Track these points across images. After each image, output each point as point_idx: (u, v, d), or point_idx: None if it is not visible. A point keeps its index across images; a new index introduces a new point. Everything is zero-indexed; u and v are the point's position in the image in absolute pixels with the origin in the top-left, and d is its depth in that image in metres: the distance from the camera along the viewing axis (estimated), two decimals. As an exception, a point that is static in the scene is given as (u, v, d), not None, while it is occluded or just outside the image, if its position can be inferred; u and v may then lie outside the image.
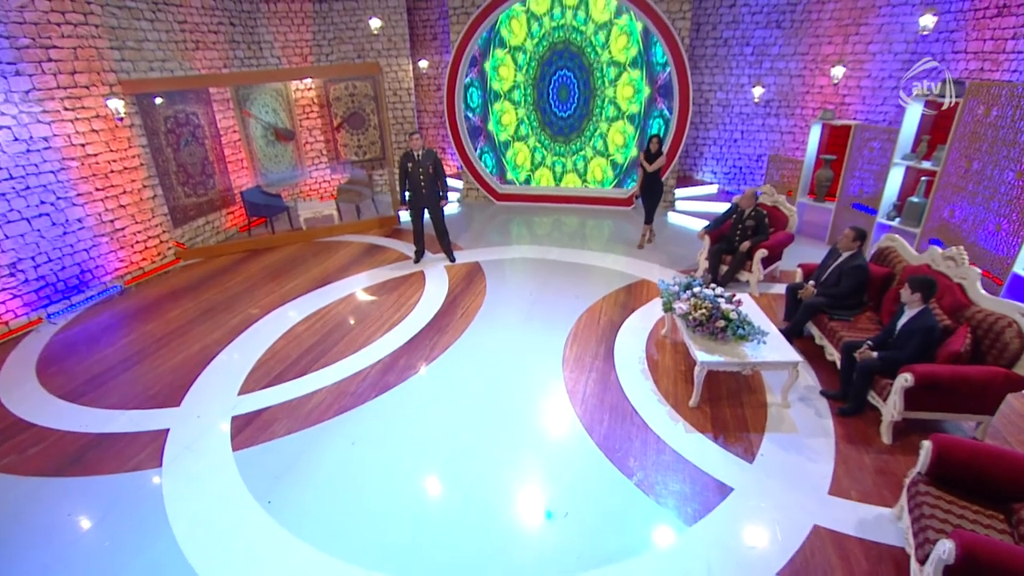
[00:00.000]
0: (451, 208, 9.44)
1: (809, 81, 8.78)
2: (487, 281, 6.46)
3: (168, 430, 3.96)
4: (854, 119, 8.47)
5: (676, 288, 4.34)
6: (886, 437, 3.62)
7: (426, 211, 6.69)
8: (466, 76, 9.03)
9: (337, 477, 3.47)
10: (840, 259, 4.53)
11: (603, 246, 7.51)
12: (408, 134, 6.42)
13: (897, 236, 4.77)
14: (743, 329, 3.84)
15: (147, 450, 3.77)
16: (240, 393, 4.39)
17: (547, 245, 7.60)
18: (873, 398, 3.78)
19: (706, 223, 6.18)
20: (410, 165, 6.36)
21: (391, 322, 5.51)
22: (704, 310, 3.93)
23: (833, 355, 4.32)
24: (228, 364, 4.84)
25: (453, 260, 7.00)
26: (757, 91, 8.58)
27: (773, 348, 3.89)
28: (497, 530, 3.06)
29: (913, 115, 6.13)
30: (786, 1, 8.46)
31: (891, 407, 3.54)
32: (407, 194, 6.57)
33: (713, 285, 4.22)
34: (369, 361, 4.80)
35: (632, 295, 5.96)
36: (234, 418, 4.07)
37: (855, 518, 3.05)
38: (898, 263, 4.53)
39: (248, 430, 3.93)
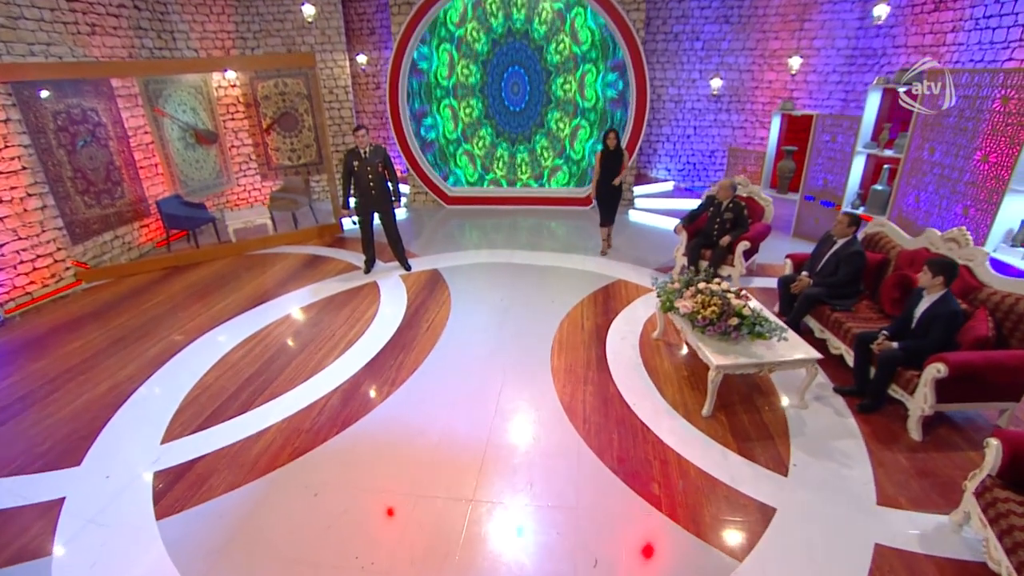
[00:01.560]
0: (398, 213, 8.71)
1: (758, 76, 8.84)
2: (450, 289, 5.83)
3: (64, 499, 3.05)
4: (802, 111, 8.56)
5: (677, 285, 3.93)
6: (915, 433, 3.35)
7: (376, 215, 6.00)
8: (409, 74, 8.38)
9: (299, 540, 2.74)
10: (836, 246, 4.30)
11: (569, 247, 7.08)
12: (352, 130, 5.70)
13: (886, 220, 4.63)
14: (761, 326, 3.47)
15: (33, 529, 2.86)
16: (164, 441, 3.51)
17: (510, 248, 7.07)
18: (895, 391, 3.51)
19: (677, 220, 5.87)
20: (356, 164, 5.66)
21: (345, 342, 4.76)
22: (714, 307, 3.53)
23: (839, 348, 4.05)
24: (146, 405, 3.92)
25: (408, 268, 6.33)
26: (715, 83, 8.50)
27: (788, 345, 3.55)
28: (513, 593, 2.46)
29: (873, 103, 6.15)
30: (734, -4, 8.47)
31: (920, 400, 3.27)
32: (352, 199, 5.87)
33: (718, 280, 3.83)
34: (324, 390, 4.05)
35: (612, 297, 5.53)
36: (157, 475, 3.21)
37: (914, 531, 2.70)
38: (891, 248, 4.37)
39: (177, 489, 3.09)
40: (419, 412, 3.76)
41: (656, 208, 8.62)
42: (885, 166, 6.08)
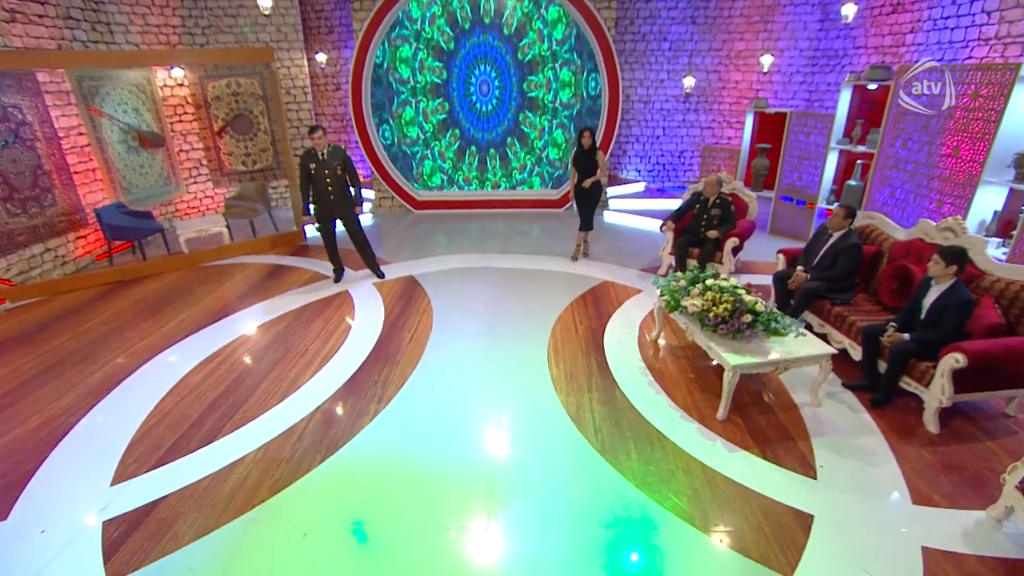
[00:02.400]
0: (363, 220, 8.27)
1: (725, 76, 8.94)
2: (430, 296, 5.48)
3: (-10, 562, 2.52)
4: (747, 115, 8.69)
5: (682, 283, 3.74)
6: (932, 426, 3.27)
7: (338, 222, 5.58)
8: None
9: (289, 594, 2.34)
10: (832, 240, 4.24)
11: (547, 250, 6.83)
12: (308, 130, 5.29)
13: (876, 213, 4.62)
14: (777, 322, 3.31)
15: (-48, 604, 2.33)
16: (115, 482, 3.01)
17: (486, 252, 6.78)
18: (907, 384, 3.43)
19: (653, 220, 5.73)
20: (313, 167, 5.22)
21: (321, 357, 4.34)
22: (726, 304, 3.35)
23: (842, 343, 3.97)
24: (90, 441, 3.39)
25: (381, 276, 5.93)
26: (688, 81, 8.53)
27: (801, 341, 3.41)
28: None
29: (844, 100, 6.24)
30: (699, -2, 8.54)
31: (937, 392, 3.19)
32: (312, 206, 5.42)
33: (727, 276, 3.67)
34: (302, 412, 3.62)
35: (601, 299, 5.33)
36: (108, 524, 2.72)
37: (957, 530, 2.57)
38: (883, 240, 4.35)
39: (134, 540, 2.62)
40: (413, 432, 3.40)
41: (630, 209, 8.53)
42: (858, 161, 6.18)
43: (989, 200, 4.97)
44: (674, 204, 8.52)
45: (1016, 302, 3.30)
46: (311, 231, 7.52)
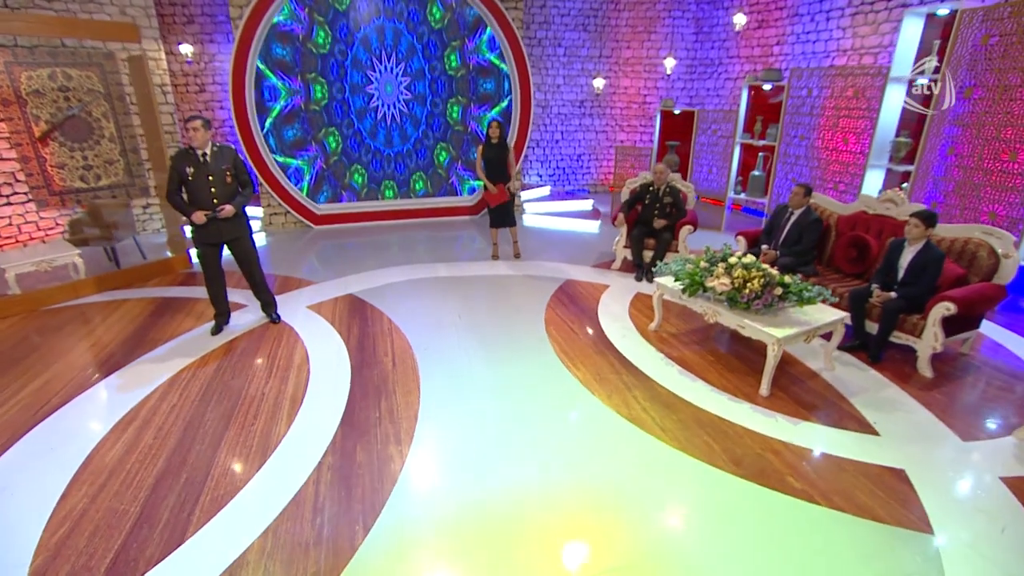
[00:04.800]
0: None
1: (615, 82, 9.46)
2: (386, 313, 4.76)
3: None
4: (655, 116, 9.40)
5: (703, 265, 3.68)
6: (927, 371, 3.63)
7: (225, 247, 4.17)
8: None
9: None
10: (794, 217, 4.58)
11: (483, 255, 6.43)
12: (184, 121, 4.10)
13: (816, 193, 5.12)
14: (808, 291, 3.40)
15: None
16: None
17: (421, 263, 6.16)
18: (897, 337, 3.78)
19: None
20: (191, 171, 3.85)
21: (289, 399, 3.44)
22: (758, 279, 3.36)
23: (820, 309, 4.27)
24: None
25: (277, 318, 4.54)
26: (598, 83, 8.81)
27: (818, 309, 3.57)
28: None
29: (744, 99, 6.94)
30: (588, 6, 8.92)
31: (930, 339, 3.56)
32: (188, 227, 4.14)
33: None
34: (302, 473, 2.78)
35: (576, 297, 5.12)
36: None
37: (1009, 457, 2.83)
38: (829, 216, 4.81)
39: None
40: (460, 470, 2.80)
41: (550, 211, 8.51)
42: (760, 154, 6.90)
43: (875, 181, 5.86)
44: (584, 205, 8.78)
45: (964, 255, 3.84)
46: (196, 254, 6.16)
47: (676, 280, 3.81)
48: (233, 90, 6.66)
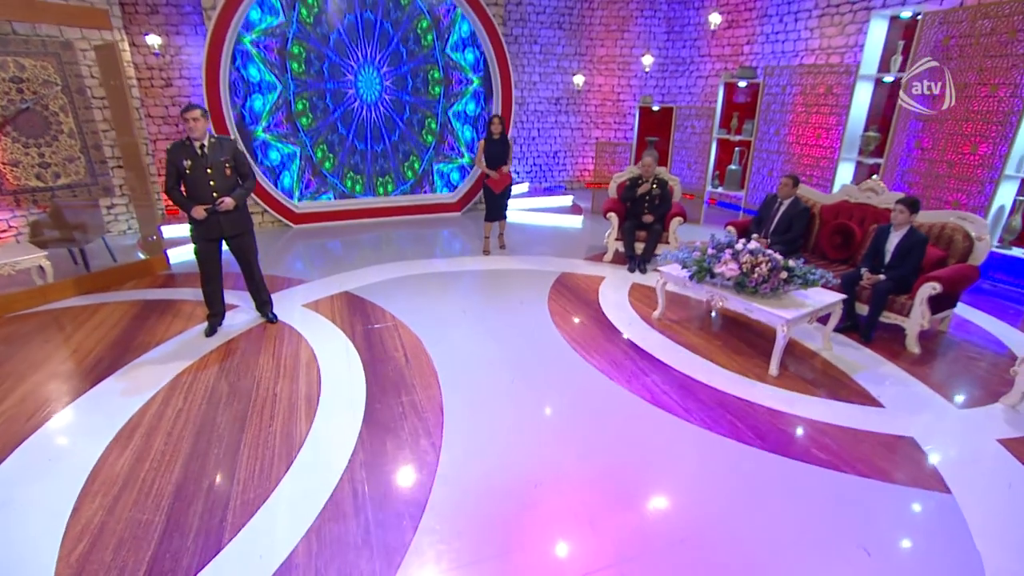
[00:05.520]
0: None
1: (589, 80, 9.59)
2: (386, 309, 4.68)
3: None
4: (629, 113, 9.63)
5: (711, 252, 3.81)
6: (916, 347, 3.88)
7: (224, 244, 4.03)
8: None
9: None
10: (784, 207, 4.79)
11: (475, 250, 6.41)
12: (180, 112, 3.94)
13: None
14: (812, 274, 3.57)
15: None
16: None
17: (412, 259, 6.08)
18: (886, 317, 4.03)
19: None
20: (188, 165, 3.68)
21: (304, 398, 3.34)
22: (765, 263, 3.51)
23: (811, 294, 4.49)
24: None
25: (274, 318, 4.39)
26: (578, 79, 8.91)
27: (818, 292, 3.76)
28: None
29: (720, 96, 7.19)
30: (564, 4, 9.02)
31: (918, 318, 3.81)
32: (190, 225, 3.89)
33: (749, 238, 3.85)
34: (335, 470, 2.71)
35: (575, 289, 5.17)
36: None
37: (1001, 422, 3.07)
38: (812, 205, 5.06)
39: None
40: (500, 462, 2.79)
41: (527, 207, 8.54)
42: (736, 149, 7.17)
43: (847, 172, 6.20)
44: (564, 201, 8.88)
45: (941, 239, 4.14)
46: (175, 256, 5.88)
47: (684, 267, 3.92)
48: (207, 84, 6.37)
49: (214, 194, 3.80)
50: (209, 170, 3.75)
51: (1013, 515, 2.39)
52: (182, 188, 3.78)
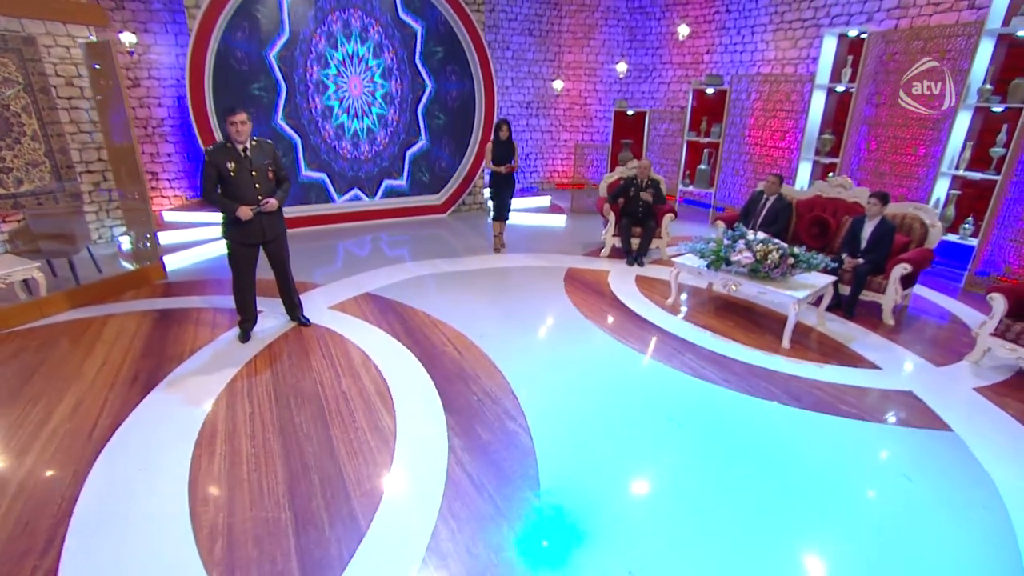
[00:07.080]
0: (215, 251, 6.58)
1: (558, 85, 10.01)
2: (416, 307, 4.82)
3: None
4: (595, 117, 10.17)
5: (726, 242, 4.29)
6: (891, 320, 4.58)
7: (261, 249, 4.03)
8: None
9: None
10: (770, 202, 5.40)
11: (477, 249, 6.64)
12: (223, 113, 3.91)
13: (774, 181, 6.02)
14: (815, 259, 4.13)
15: None
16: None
17: (421, 259, 6.21)
18: (865, 295, 4.70)
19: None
20: (231, 167, 3.67)
21: (376, 394, 3.46)
22: (775, 251, 4.03)
23: (796, 278, 5.12)
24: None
25: (307, 321, 4.44)
26: (558, 84, 9.25)
27: (815, 275, 4.34)
28: None
29: (690, 100, 7.83)
30: (534, 12, 9.38)
31: (892, 294, 4.50)
32: (223, 225, 3.86)
33: (754, 227, 4.36)
34: (439, 456, 2.89)
35: (587, 283, 5.53)
36: None
37: (971, 375, 3.76)
38: (790, 199, 5.70)
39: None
40: (584, 442, 3.09)
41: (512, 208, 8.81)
42: (705, 150, 7.83)
43: (805, 171, 7.00)
44: (543, 201, 9.26)
45: (903, 227, 4.88)
46: (172, 263, 5.65)
47: (701, 257, 4.38)
48: (191, 86, 6.14)
49: (259, 197, 3.80)
50: (254, 173, 3.77)
51: (998, 441, 3.01)
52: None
